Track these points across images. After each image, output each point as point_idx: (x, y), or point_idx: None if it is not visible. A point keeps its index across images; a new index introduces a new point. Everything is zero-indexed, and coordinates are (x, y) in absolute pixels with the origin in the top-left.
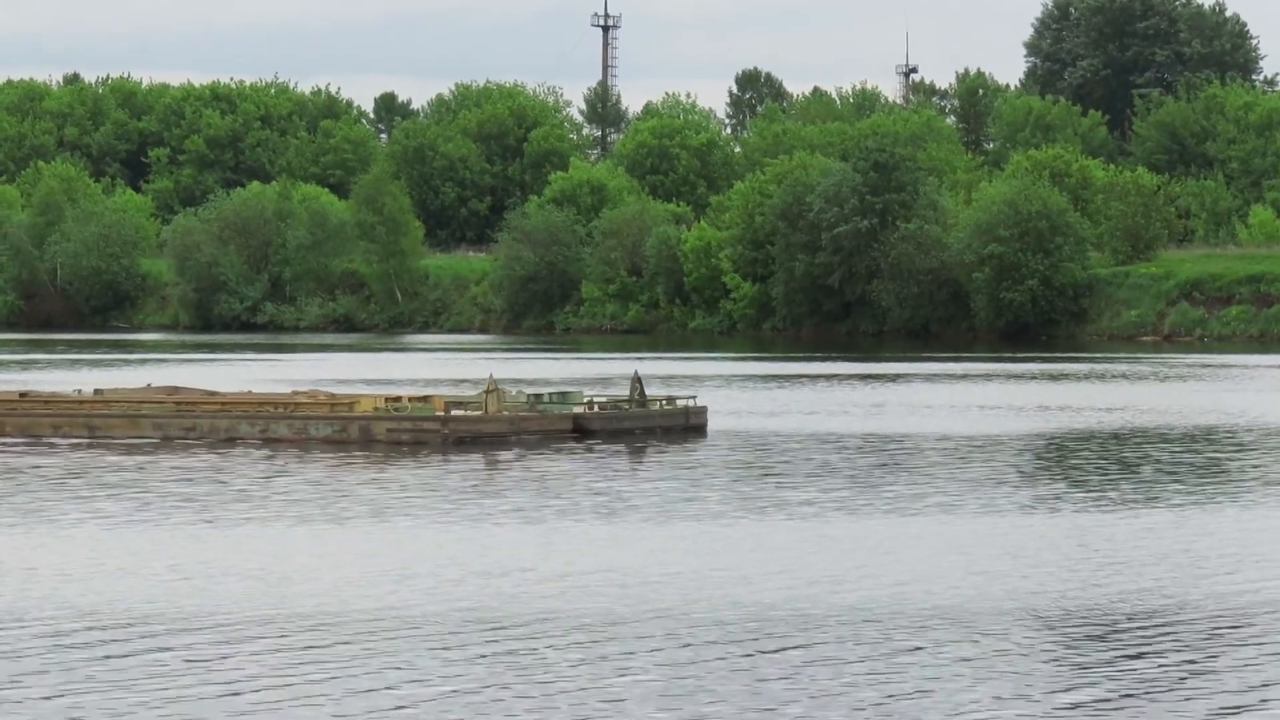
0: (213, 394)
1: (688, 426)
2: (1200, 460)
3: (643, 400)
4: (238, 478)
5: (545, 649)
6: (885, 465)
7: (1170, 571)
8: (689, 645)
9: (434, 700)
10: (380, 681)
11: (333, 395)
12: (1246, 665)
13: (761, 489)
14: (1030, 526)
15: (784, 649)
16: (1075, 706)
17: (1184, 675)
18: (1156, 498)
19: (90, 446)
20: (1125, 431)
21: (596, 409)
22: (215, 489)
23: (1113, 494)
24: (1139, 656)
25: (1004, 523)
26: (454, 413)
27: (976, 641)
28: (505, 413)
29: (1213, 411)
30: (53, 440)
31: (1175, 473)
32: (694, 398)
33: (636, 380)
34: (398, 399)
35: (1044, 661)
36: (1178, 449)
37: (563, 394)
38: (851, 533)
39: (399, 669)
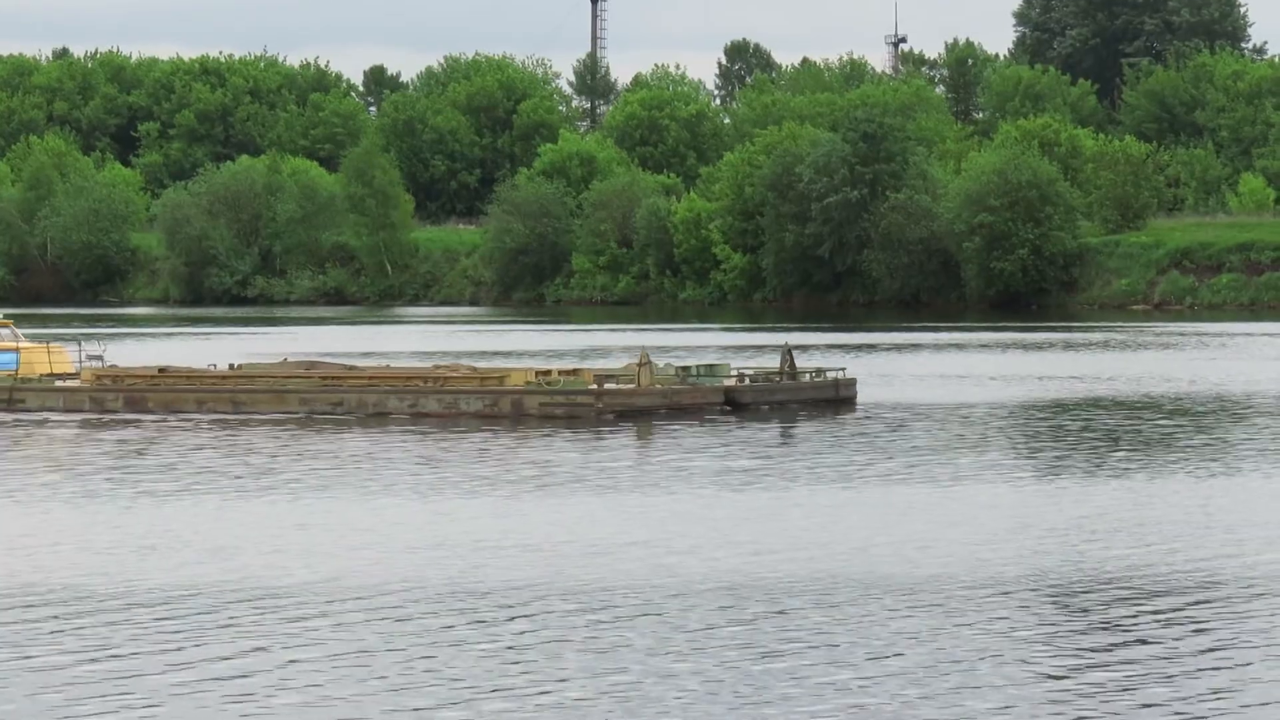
0: (353, 368)
1: (838, 398)
2: (1151, 428)
3: (793, 372)
4: (451, 452)
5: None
6: (1049, 433)
7: (1111, 538)
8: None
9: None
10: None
11: (476, 369)
12: (1192, 629)
13: (918, 459)
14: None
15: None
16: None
17: (1129, 639)
18: (1104, 465)
19: (242, 422)
20: (1087, 399)
21: (747, 382)
22: (424, 465)
23: (1066, 462)
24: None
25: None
26: (607, 386)
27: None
28: (658, 386)
29: (1175, 380)
30: (199, 416)
31: (1125, 439)
32: (843, 370)
33: (787, 352)
34: (547, 373)
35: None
36: (1138, 416)
37: (710, 366)
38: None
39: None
